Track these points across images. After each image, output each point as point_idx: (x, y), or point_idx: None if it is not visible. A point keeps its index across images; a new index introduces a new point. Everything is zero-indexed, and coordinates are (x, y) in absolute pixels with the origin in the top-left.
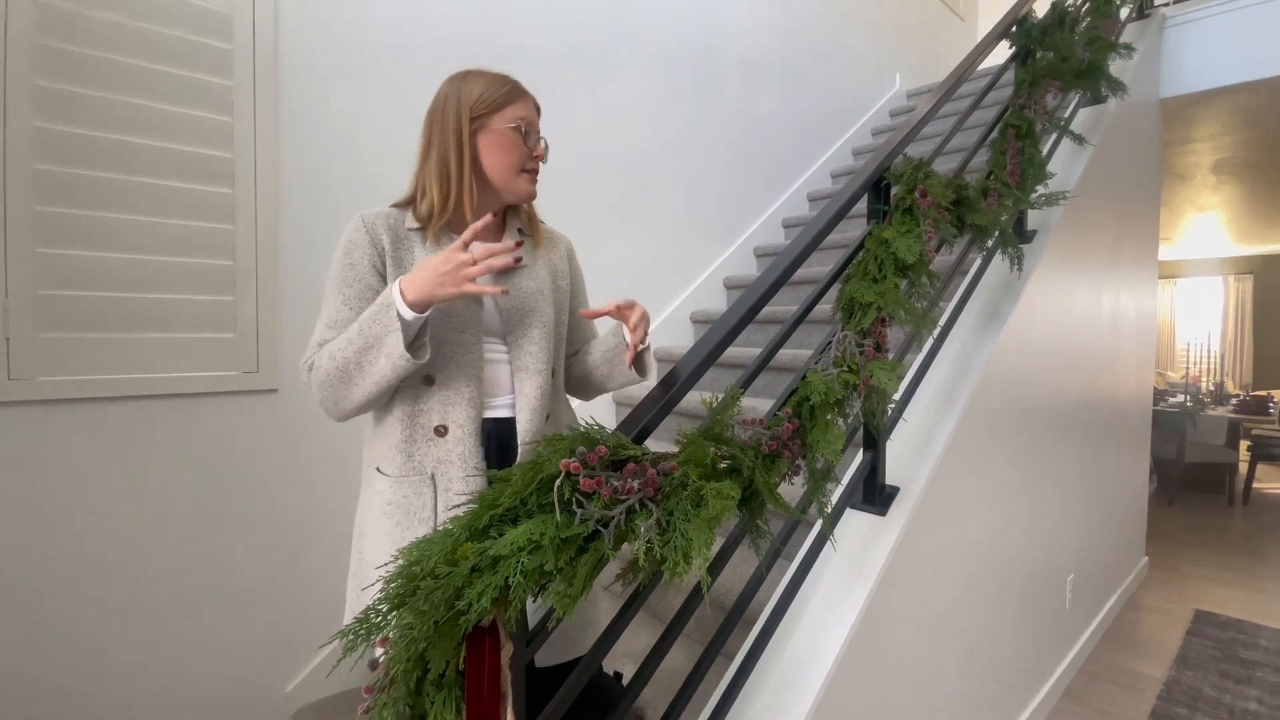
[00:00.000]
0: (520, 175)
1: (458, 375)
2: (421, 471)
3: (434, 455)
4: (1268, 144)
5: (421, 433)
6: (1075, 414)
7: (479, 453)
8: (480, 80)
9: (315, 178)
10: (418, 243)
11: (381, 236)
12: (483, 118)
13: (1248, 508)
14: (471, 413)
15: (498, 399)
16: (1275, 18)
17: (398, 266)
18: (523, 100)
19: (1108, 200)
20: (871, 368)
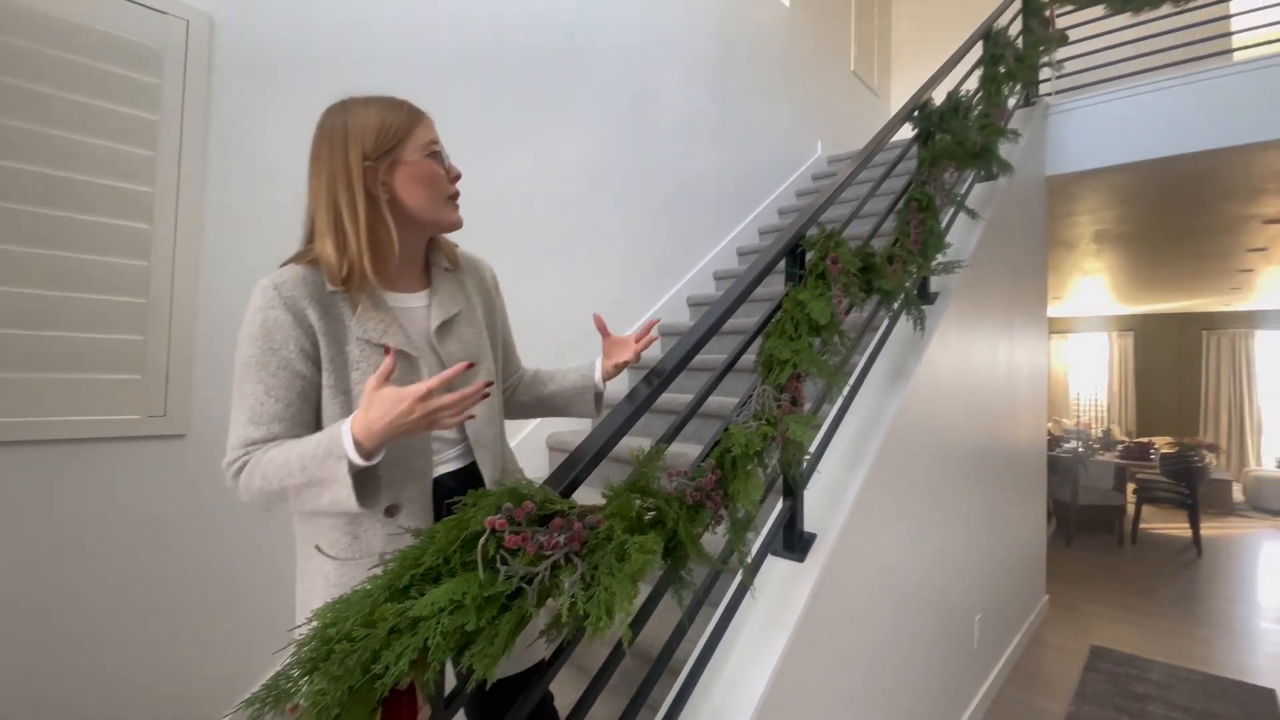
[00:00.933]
0: (447, 204)
1: (406, 450)
2: (370, 553)
3: (382, 535)
4: (1140, 218)
5: (369, 515)
6: (978, 461)
7: (430, 520)
8: (373, 108)
9: (244, 216)
10: (346, 310)
11: (307, 312)
12: (391, 151)
13: (1136, 547)
14: (423, 484)
15: (450, 451)
16: (1140, 110)
17: (332, 344)
18: (424, 121)
19: (1001, 265)
20: (788, 421)
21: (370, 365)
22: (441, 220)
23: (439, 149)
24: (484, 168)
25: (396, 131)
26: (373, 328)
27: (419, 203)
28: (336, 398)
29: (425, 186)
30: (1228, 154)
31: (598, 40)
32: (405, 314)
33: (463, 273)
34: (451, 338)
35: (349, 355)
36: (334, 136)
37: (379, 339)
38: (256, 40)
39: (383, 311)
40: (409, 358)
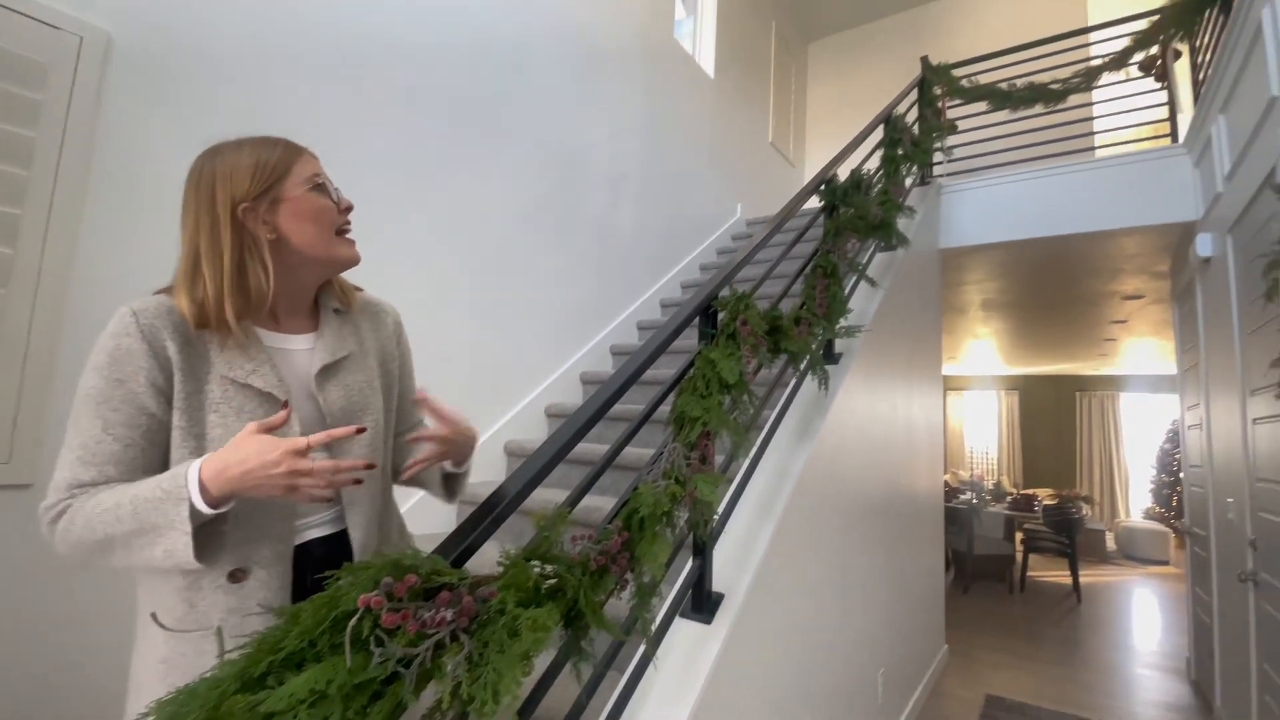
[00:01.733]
0: (337, 239)
1: (264, 506)
2: (206, 625)
3: (224, 605)
4: (1019, 290)
5: (209, 578)
6: (881, 514)
7: (285, 595)
8: (245, 148)
9: (120, 244)
10: (213, 347)
11: (166, 343)
12: (270, 189)
13: (1024, 595)
14: (280, 548)
15: (320, 515)
16: (1018, 194)
17: (189, 380)
18: (303, 156)
19: (900, 328)
20: (696, 480)
21: (231, 408)
22: (335, 256)
23: (323, 181)
24: (402, 207)
25: (274, 168)
26: (239, 367)
27: (308, 239)
28: (187, 441)
29: (312, 221)
30: (1091, 238)
31: (528, 91)
32: (283, 355)
33: (358, 316)
34: (334, 384)
35: (208, 395)
36: (201, 180)
37: (244, 379)
38: (157, 63)
39: (254, 351)
40: (278, 402)
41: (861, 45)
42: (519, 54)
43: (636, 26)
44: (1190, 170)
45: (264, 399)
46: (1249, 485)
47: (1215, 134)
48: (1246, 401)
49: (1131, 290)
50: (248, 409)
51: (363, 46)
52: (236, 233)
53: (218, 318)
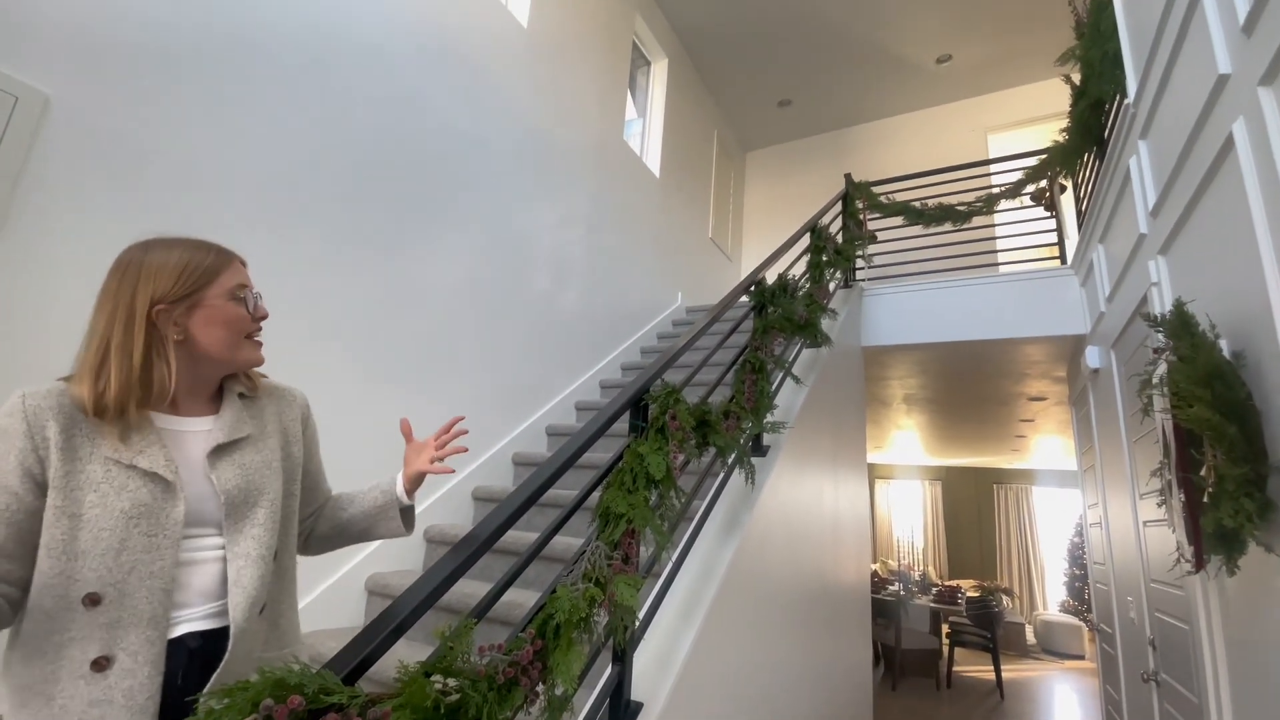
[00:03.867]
0: (244, 343)
1: (137, 589)
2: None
3: (85, 697)
4: (937, 386)
5: (69, 668)
6: (807, 607)
7: (154, 687)
8: (176, 250)
9: (29, 308)
10: (102, 430)
11: (46, 423)
12: (192, 295)
13: (952, 691)
14: (151, 634)
15: (203, 607)
16: (931, 301)
17: (69, 460)
18: (232, 265)
19: (825, 419)
20: (617, 582)
21: (113, 487)
22: (238, 359)
23: (245, 293)
24: (339, 286)
25: (201, 275)
26: (127, 449)
27: (213, 343)
28: (61, 520)
29: (223, 328)
30: (997, 344)
31: (479, 179)
32: (178, 437)
33: (264, 400)
34: (228, 463)
35: (88, 475)
36: (126, 274)
37: (129, 460)
38: (97, 130)
39: (144, 433)
40: (165, 482)
41: (794, 157)
42: (472, 145)
43: (589, 124)
44: (1078, 289)
45: (149, 478)
46: (1145, 585)
47: (1096, 260)
48: (1137, 504)
49: (1035, 392)
50: (130, 488)
51: (311, 130)
52: (148, 332)
53: (117, 408)
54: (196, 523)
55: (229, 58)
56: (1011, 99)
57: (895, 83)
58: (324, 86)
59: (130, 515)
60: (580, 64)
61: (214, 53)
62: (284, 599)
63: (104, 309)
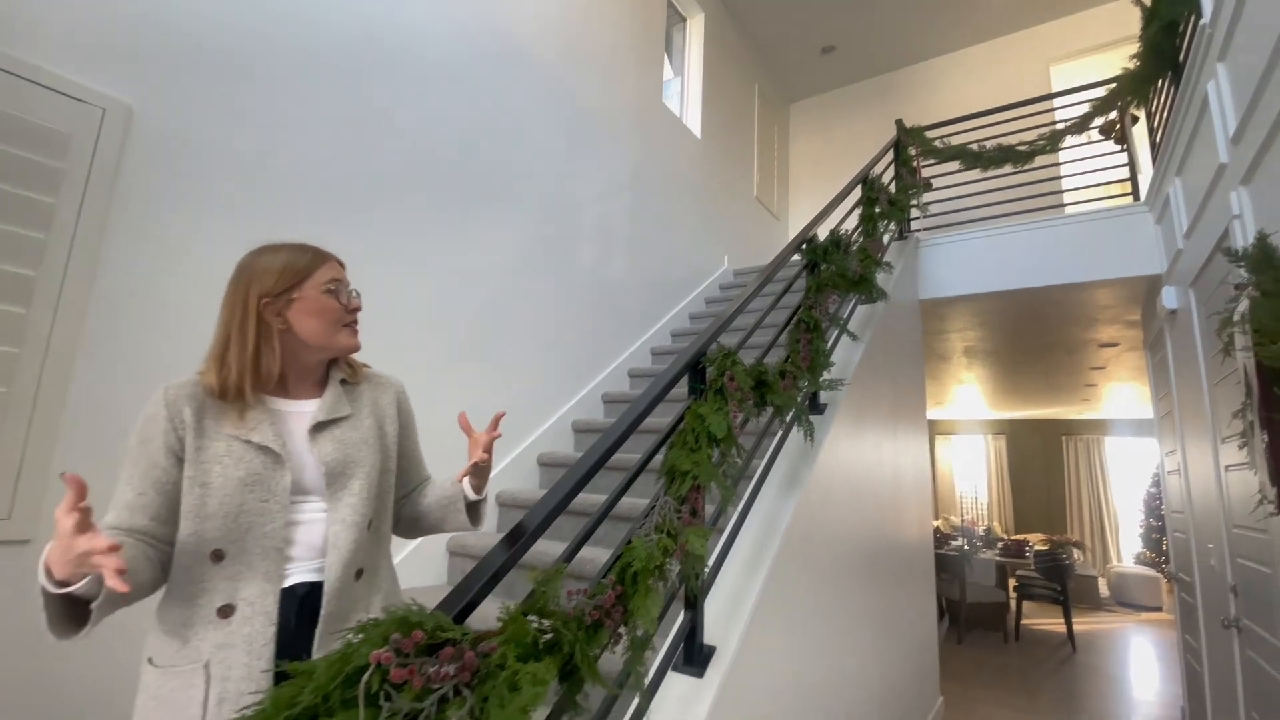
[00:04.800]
0: (340, 330)
1: (253, 547)
2: (195, 660)
3: (212, 641)
4: (999, 338)
5: (201, 614)
6: (870, 562)
7: (269, 634)
8: (280, 253)
9: (134, 308)
10: (226, 412)
11: (183, 410)
12: (292, 289)
13: (1020, 644)
14: (266, 587)
15: (310, 561)
16: (992, 249)
17: (199, 437)
18: (327, 263)
19: (883, 376)
20: (687, 534)
21: (232, 459)
22: (334, 345)
23: (337, 286)
24: (404, 274)
25: (298, 273)
26: (244, 426)
27: (310, 331)
28: (194, 489)
29: (317, 318)
30: (1064, 289)
31: (523, 157)
32: (287, 416)
33: (363, 387)
34: (327, 438)
35: (214, 450)
36: (241, 276)
37: (245, 436)
38: (175, 135)
39: (257, 414)
40: (274, 454)
41: (840, 106)
42: (516, 122)
43: (627, 91)
44: (1153, 226)
45: (261, 451)
46: (1226, 531)
47: (1173, 194)
48: (1219, 448)
49: (1107, 338)
50: (246, 459)
51: (370, 123)
52: (258, 324)
53: (236, 392)
54: (302, 490)
55: (291, 60)
56: (1075, 26)
57: (946, 17)
58: (377, 81)
59: (246, 483)
60: (616, 26)
61: (277, 56)
62: (382, 562)
63: (225, 307)
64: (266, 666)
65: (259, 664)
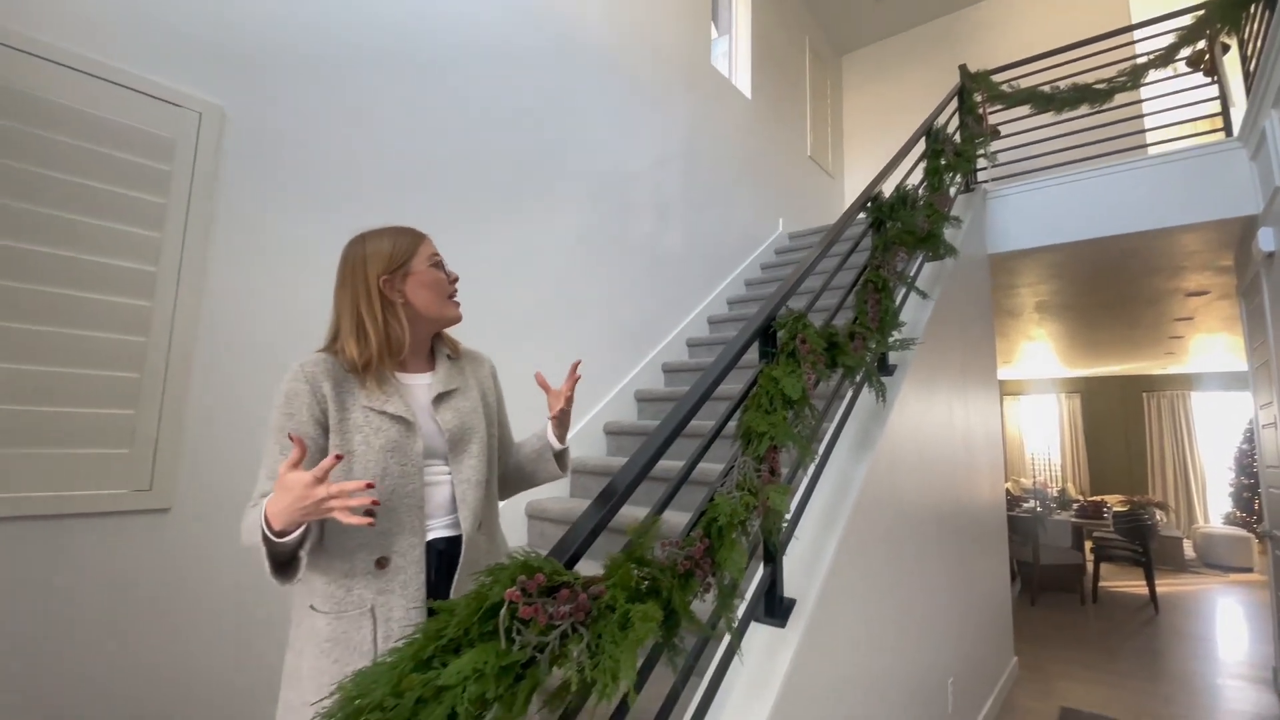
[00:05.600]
0: (447, 302)
1: (398, 506)
2: (361, 605)
3: (373, 588)
4: (1074, 291)
5: (360, 566)
6: (941, 523)
7: (420, 581)
8: (385, 236)
9: (238, 294)
10: (357, 386)
11: (322, 384)
12: (404, 265)
13: (1097, 605)
14: (413, 540)
15: (443, 519)
16: (1067, 196)
17: (340, 410)
18: (426, 240)
19: (952, 335)
20: (768, 490)
21: (371, 429)
22: (444, 315)
23: (439, 259)
24: (471, 254)
25: (406, 251)
26: (378, 398)
27: (424, 302)
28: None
29: (429, 289)
30: (1147, 236)
31: (575, 131)
32: (408, 389)
33: (464, 362)
34: (447, 407)
35: (354, 420)
36: (355, 262)
37: (381, 407)
38: (265, 133)
39: (389, 386)
40: (407, 423)
41: (896, 55)
42: (569, 101)
43: (674, 56)
44: (1247, 164)
45: (396, 420)
46: None
47: (1270, 128)
48: None
49: (1195, 287)
50: (384, 428)
51: (433, 114)
52: (382, 300)
53: (378, 362)
54: (430, 455)
55: (357, 57)
56: None
57: None
58: (439, 71)
59: (386, 449)
60: None
61: (348, 53)
62: (494, 518)
63: (347, 291)
64: (420, 608)
65: (414, 606)
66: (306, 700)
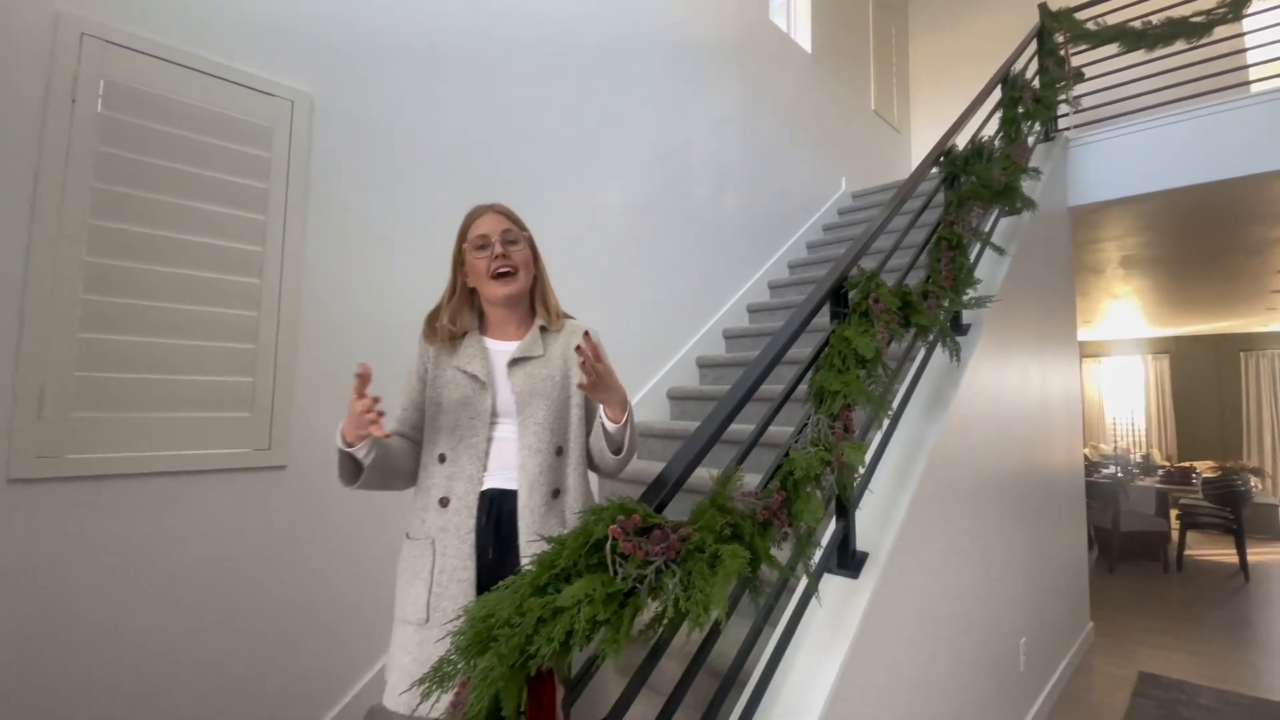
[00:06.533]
0: (489, 281)
1: (464, 454)
2: (427, 536)
3: (436, 524)
4: (1165, 243)
5: (430, 503)
6: (1015, 486)
7: (471, 523)
8: (467, 215)
9: (334, 270)
10: (452, 348)
11: (428, 349)
12: (463, 243)
13: (1182, 574)
14: (470, 487)
15: (502, 473)
16: (1158, 141)
17: (435, 367)
18: (479, 220)
19: (1029, 294)
20: (843, 447)
21: (453, 385)
22: (486, 294)
23: (481, 239)
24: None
25: (465, 229)
26: (464, 359)
27: (474, 280)
28: (430, 407)
29: (474, 271)
30: (1248, 181)
31: (632, 98)
32: (494, 353)
33: (559, 333)
34: (519, 372)
35: (443, 377)
36: (458, 232)
37: (464, 366)
38: (350, 118)
39: (475, 349)
40: (480, 382)
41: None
42: (623, 64)
43: (731, 12)
44: None
45: (471, 379)
46: None
47: None
48: None
49: None
50: (460, 384)
51: (498, 89)
52: (460, 275)
53: (456, 328)
54: (501, 413)
55: (436, 40)
56: None
57: None
58: (501, 49)
59: (460, 403)
60: None
61: (428, 39)
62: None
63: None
64: (469, 548)
65: (465, 546)
66: (396, 611)
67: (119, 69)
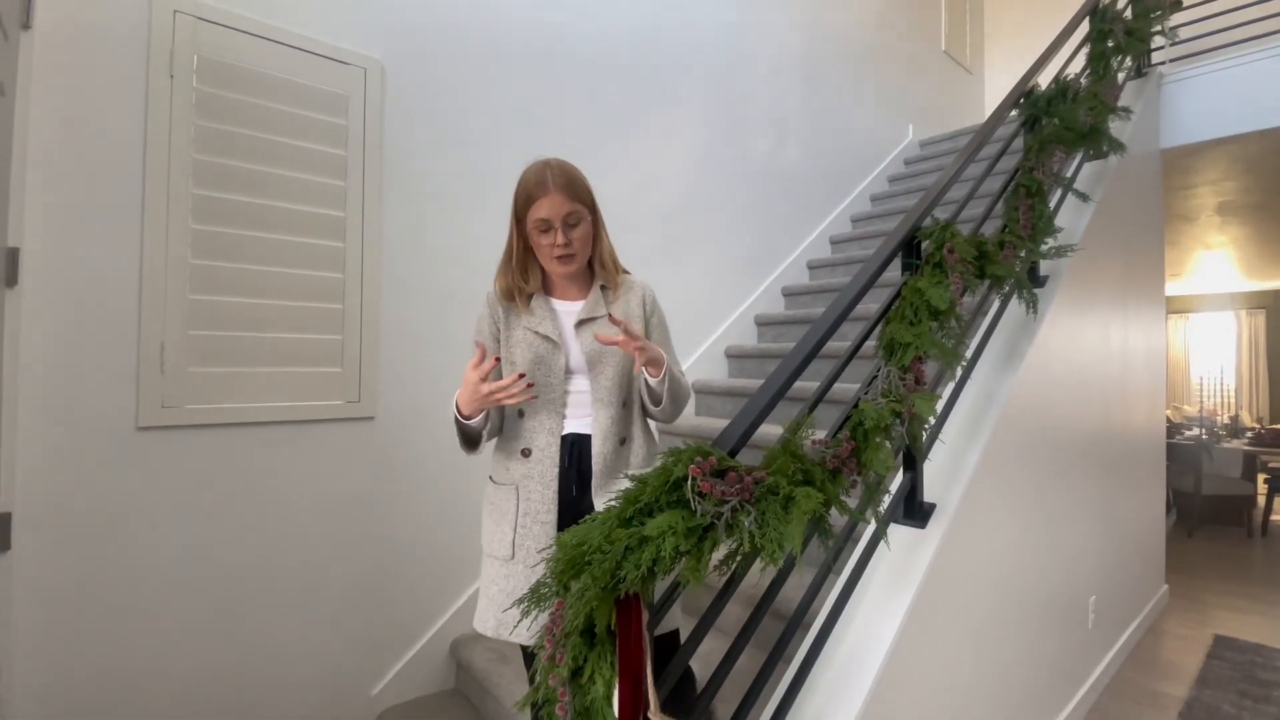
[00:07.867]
0: (552, 261)
1: (542, 409)
2: (511, 482)
3: (519, 471)
4: (1268, 188)
5: (514, 453)
6: (1091, 444)
7: (554, 471)
8: (526, 176)
9: (409, 233)
10: (519, 308)
11: (497, 308)
12: (522, 217)
13: (1266, 539)
14: (550, 439)
15: (582, 419)
16: (1264, 75)
17: (507, 328)
18: (539, 202)
19: (1113, 244)
20: (913, 399)
21: (526, 344)
22: (550, 270)
23: (543, 223)
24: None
25: (523, 205)
26: (534, 320)
27: (537, 254)
28: (506, 365)
29: (536, 247)
30: None
31: (690, 53)
32: (560, 314)
33: (619, 291)
34: (585, 332)
35: (515, 337)
36: (514, 192)
37: (534, 327)
38: (417, 83)
39: (544, 310)
40: (553, 342)
41: None
42: (682, 16)
43: None
44: None
45: (543, 339)
46: None
47: None
48: None
49: None
50: (534, 344)
51: (557, 47)
52: (521, 235)
53: (519, 292)
54: (573, 370)
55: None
56: None
57: None
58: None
59: (535, 362)
60: None
61: (490, 13)
62: (639, 434)
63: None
64: (553, 494)
65: (548, 492)
66: (483, 545)
67: (208, 43)
